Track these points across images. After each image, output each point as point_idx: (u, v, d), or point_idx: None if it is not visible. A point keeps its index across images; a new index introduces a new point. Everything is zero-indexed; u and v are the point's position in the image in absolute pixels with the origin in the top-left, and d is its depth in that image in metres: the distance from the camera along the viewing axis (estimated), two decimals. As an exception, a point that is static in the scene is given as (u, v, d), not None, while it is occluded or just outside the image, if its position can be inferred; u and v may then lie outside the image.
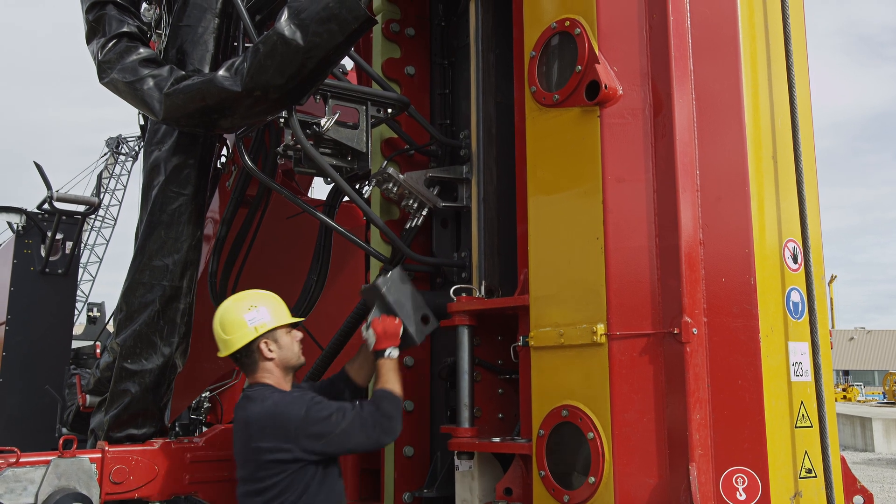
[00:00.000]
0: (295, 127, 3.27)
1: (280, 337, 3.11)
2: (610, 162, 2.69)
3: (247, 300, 3.14)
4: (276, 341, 3.09)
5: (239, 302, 3.15)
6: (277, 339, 3.10)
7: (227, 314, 3.12)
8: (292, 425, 2.89)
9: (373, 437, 2.97)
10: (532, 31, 3.03)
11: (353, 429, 2.93)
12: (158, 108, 3.31)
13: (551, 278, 2.82)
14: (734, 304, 2.57)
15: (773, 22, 2.87)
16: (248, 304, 3.11)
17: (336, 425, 2.91)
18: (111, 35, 3.51)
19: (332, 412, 2.94)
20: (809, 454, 2.64)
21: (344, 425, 2.92)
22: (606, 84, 2.69)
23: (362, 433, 2.95)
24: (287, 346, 3.12)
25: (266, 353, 3.07)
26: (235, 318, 3.09)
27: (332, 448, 2.95)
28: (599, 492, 2.55)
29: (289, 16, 2.98)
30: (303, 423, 2.89)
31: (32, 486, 3.13)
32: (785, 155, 2.79)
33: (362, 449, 3.08)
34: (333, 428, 2.91)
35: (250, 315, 3.07)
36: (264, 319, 3.07)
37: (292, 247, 4.81)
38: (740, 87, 2.72)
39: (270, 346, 3.08)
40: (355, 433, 2.94)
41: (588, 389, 2.63)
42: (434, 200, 3.62)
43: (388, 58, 3.92)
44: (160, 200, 3.56)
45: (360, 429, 2.94)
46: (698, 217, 2.60)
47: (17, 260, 6.24)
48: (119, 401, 3.50)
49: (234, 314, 3.10)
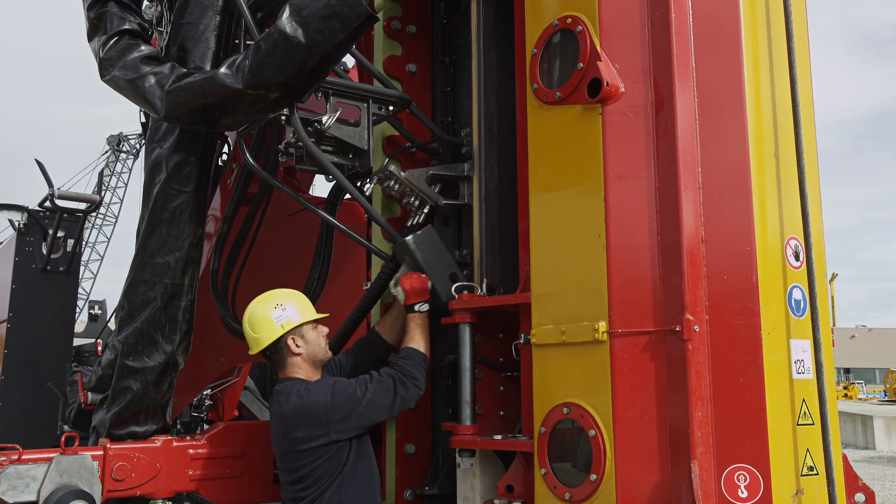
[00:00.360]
0: (296, 124, 3.27)
1: (306, 333, 3.26)
2: (612, 159, 2.69)
3: (274, 299, 3.30)
4: (303, 337, 3.25)
5: (266, 301, 3.31)
6: (304, 335, 3.25)
7: (255, 313, 3.30)
8: (322, 412, 3.05)
9: (397, 399, 3.13)
10: (533, 28, 3.03)
11: (376, 397, 3.09)
12: (160, 106, 3.31)
13: (553, 276, 2.82)
14: (736, 302, 2.57)
15: (775, 19, 2.86)
16: (275, 302, 3.28)
17: (360, 400, 3.07)
18: (112, 32, 3.51)
19: (354, 388, 3.09)
20: (811, 452, 2.64)
21: (369, 396, 3.08)
22: (608, 81, 2.69)
23: (385, 399, 3.11)
24: (314, 342, 3.27)
25: (294, 349, 3.22)
26: (263, 317, 3.25)
27: (362, 422, 3.09)
28: (601, 489, 2.55)
29: (290, 13, 2.98)
30: (330, 407, 3.05)
31: (35, 483, 3.14)
32: (787, 152, 2.79)
33: (390, 413, 3.19)
34: (358, 404, 3.07)
35: (277, 313, 3.24)
36: (290, 317, 3.24)
37: (294, 244, 4.81)
38: (742, 84, 2.71)
39: (297, 341, 3.23)
40: (379, 401, 3.10)
41: (590, 387, 2.63)
42: (435, 198, 3.62)
43: (390, 55, 3.91)
44: (161, 198, 3.56)
45: (384, 395, 3.11)
46: (700, 214, 2.59)
47: (19, 258, 6.23)
48: (121, 398, 3.50)
49: (261, 313, 3.27)
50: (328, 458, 3.05)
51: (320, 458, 3.04)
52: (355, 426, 3.09)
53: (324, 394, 3.08)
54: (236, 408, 7.08)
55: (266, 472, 3.64)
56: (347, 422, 3.06)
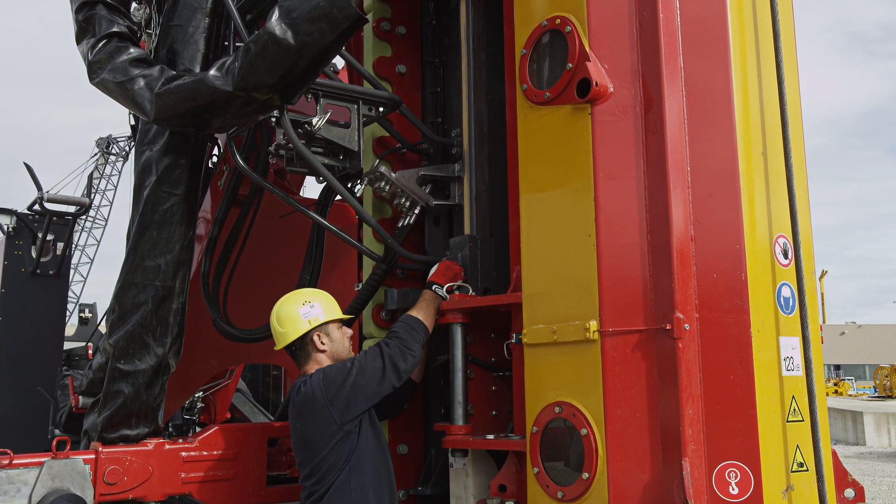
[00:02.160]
0: (286, 126, 3.27)
1: (332, 331, 3.29)
2: (601, 159, 2.70)
3: (302, 297, 3.35)
4: (328, 335, 3.28)
5: (295, 298, 3.35)
6: (329, 333, 3.28)
7: (282, 309, 3.33)
8: (319, 393, 3.06)
9: (385, 360, 3.10)
10: (523, 29, 3.04)
11: (365, 363, 3.09)
12: (149, 109, 3.30)
13: (544, 276, 2.83)
14: (726, 300, 2.59)
15: (762, 18, 2.88)
16: (304, 300, 3.32)
17: (350, 370, 3.08)
18: (101, 35, 3.50)
19: (348, 369, 3.09)
20: (801, 448, 2.65)
21: (358, 364, 3.10)
22: (597, 82, 2.70)
23: (374, 361, 3.10)
24: (338, 340, 3.30)
25: (318, 345, 3.25)
26: (291, 313, 3.29)
27: (360, 401, 3.07)
28: (593, 487, 2.56)
29: (280, 15, 2.98)
30: (323, 384, 3.07)
31: (26, 487, 3.12)
32: (775, 150, 2.81)
33: (387, 385, 3.11)
34: (348, 372, 3.07)
35: (305, 310, 3.27)
36: (318, 314, 3.27)
37: (285, 246, 4.81)
38: (730, 83, 2.73)
39: (322, 338, 3.26)
40: (368, 364, 3.09)
41: (581, 386, 2.64)
42: (426, 199, 3.62)
43: (380, 56, 3.91)
44: (152, 201, 3.55)
45: (373, 359, 3.11)
46: (689, 213, 2.61)
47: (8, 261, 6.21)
48: (112, 401, 3.49)
49: (289, 309, 3.30)
50: (337, 446, 3.03)
51: (327, 446, 3.03)
52: (353, 398, 3.03)
53: (327, 382, 3.08)
54: (228, 410, 7.07)
55: (259, 474, 3.63)
56: (341, 394, 3.03)
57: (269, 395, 7.74)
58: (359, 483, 3.05)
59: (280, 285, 4.31)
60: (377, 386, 3.08)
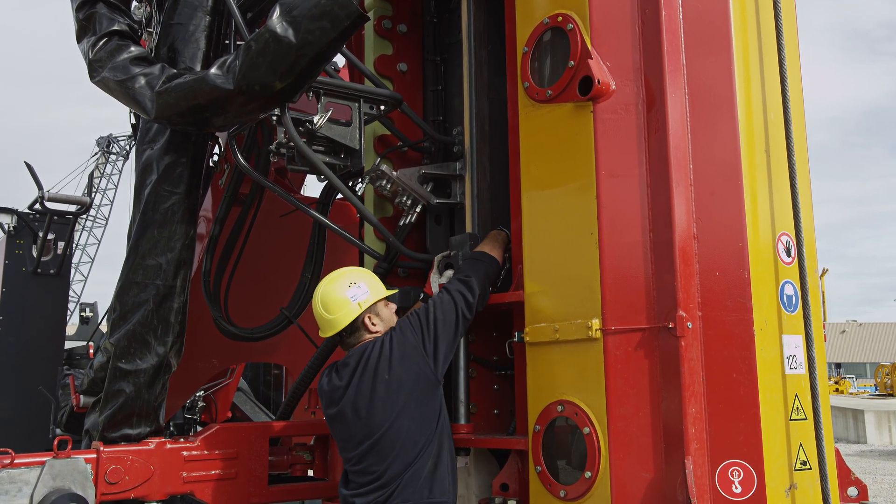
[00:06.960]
0: (287, 124, 3.26)
1: (381, 310, 3.11)
2: (603, 157, 2.69)
3: (346, 278, 3.11)
4: (378, 314, 3.09)
5: (338, 280, 3.12)
6: (379, 313, 3.10)
7: (328, 294, 3.09)
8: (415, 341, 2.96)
9: (459, 302, 3.02)
10: (524, 26, 3.03)
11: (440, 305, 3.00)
12: (150, 107, 3.29)
13: (546, 274, 2.83)
14: (728, 298, 2.58)
15: (764, 16, 2.88)
16: (348, 281, 3.09)
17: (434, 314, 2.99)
18: (102, 33, 3.49)
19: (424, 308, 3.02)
20: (804, 446, 2.65)
21: (437, 308, 3.00)
22: (599, 79, 2.69)
23: (449, 303, 3.01)
24: (388, 319, 3.12)
25: (370, 327, 3.06)
26: (338, 297, 3.05)
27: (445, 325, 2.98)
28: (596, 486, 2.56)
29: (281, 13, 2.97)
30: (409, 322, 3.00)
31: (27, 487, 3.12)
32: (778, 148, 2.80)
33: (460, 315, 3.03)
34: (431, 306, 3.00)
35: (352, 291, 3.05)
36: (365, 294, 3.06)
37: (286, 245, 4.80)
38: (733, 81, 2.72)
39: (373, 319, 3.07)
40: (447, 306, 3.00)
41: (583, 384, 2.64)
42: (427, 197, 3.62)
43: (381, 54, 3.91)
44: (153, 199, 3.54)
45: (446, 300, 3.02)
46: (692, 211, 2.60)
47: (9, 260, 6.21)
48: (114, 401, 3.48)
49: (336, 293, 3.07)
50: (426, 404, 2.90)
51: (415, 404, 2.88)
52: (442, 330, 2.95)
53: (388, 333, 3.00)
54: (230, 409, 7.07)
55: (260, 473, 3.63)
56: (428, 326, 2.95)
57: (271, 394, 7.74)
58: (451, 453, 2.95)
59: (281, 284, 4.31)
60: (455, 318, 3.01)
